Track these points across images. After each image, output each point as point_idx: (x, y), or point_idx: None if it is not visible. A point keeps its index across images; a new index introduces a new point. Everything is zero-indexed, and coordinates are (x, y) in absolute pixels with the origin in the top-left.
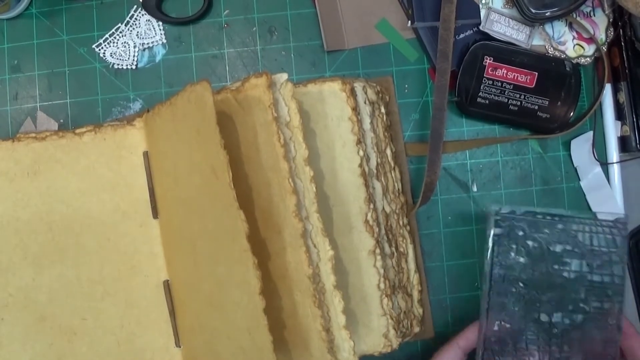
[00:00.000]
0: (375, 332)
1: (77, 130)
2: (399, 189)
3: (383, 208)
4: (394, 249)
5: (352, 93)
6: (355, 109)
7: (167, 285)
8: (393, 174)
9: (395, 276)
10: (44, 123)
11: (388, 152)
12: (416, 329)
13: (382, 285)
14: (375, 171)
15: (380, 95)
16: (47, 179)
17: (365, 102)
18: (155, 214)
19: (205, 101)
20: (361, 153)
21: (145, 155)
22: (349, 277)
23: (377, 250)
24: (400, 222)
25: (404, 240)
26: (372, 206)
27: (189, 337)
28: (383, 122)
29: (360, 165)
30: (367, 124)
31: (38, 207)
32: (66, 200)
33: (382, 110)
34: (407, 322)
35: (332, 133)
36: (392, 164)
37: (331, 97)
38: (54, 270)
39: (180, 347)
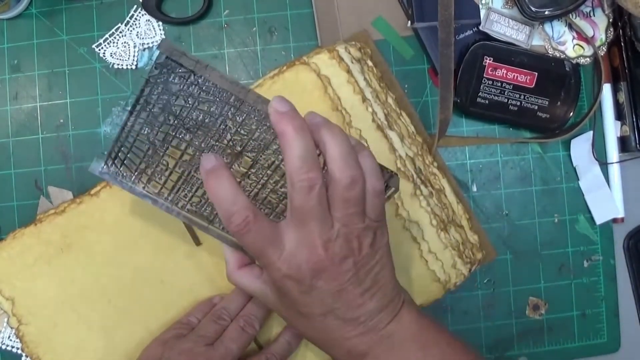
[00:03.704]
0: (444, 267)
1: (93, 191)
2: (413, 132)
3: (406, 154)
4: (430, 188)
5: (340, 57)
6: (349, 71)
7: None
8: (403, 120)
9: (441, 212)
10: (58, 196)
11: (390, 100)
12: (479, 256)
13: (434, 222)
14: (386, 122)
15: (362, 50)
16: (82, 248)
17: (352, 62)
18: (197, 241)
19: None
20: (370, 109)
21: None
22: None
23: (418, 192)
24: (426, 161)
25: (436, 177)
26: (397, 154)
27: None
28: (374, 74)
29: (374, 120)
30: (361, 81)
31: (84, 277)
32: (108, 261)
33: (369, 63)
34: (468, 252)
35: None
36: (398, 110)
37: (323, 68)
38: (123, 332)
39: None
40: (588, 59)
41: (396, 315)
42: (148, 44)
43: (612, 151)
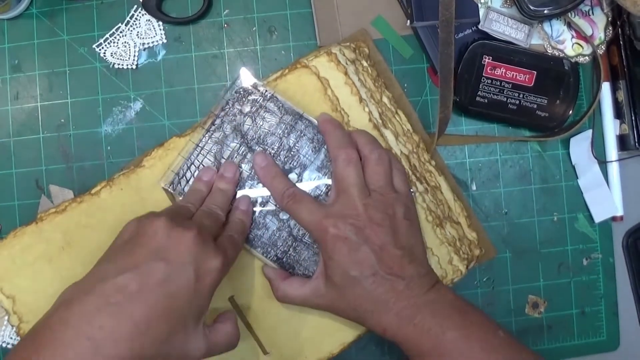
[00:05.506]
0: (441, 263)
1: (93, 191)
2: (408, 129)
3: (401, 151)
4: (425, 185)
5: (338, 60)
6: (347, 73)
7: (233, 301)
8: (398, 118)
9: (436, 209)
10: (59, 195)
11: (385, 100)
12: (476, 252)
13: (429, 218)
14: (380, 121)
15: (357, 50)
16: (82, 247)
17: (346, 63)
18: None
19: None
20: (366, 109)
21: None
22: None
23: (413, 189)
24: (422, 159)
25: (432, 175)
26: (392, 151)
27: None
28: (369, 74)
29: (370, 120)
30: (356, 82)
31: None
32: None
33: (364, 63)
34: (465, 248)
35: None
36: (394, 109)
37: (322, 71)
38: None
39: (268, 353)
40: (587, 58)
41: (434, 286)
42: (148, 43)
43: (611, 150)
